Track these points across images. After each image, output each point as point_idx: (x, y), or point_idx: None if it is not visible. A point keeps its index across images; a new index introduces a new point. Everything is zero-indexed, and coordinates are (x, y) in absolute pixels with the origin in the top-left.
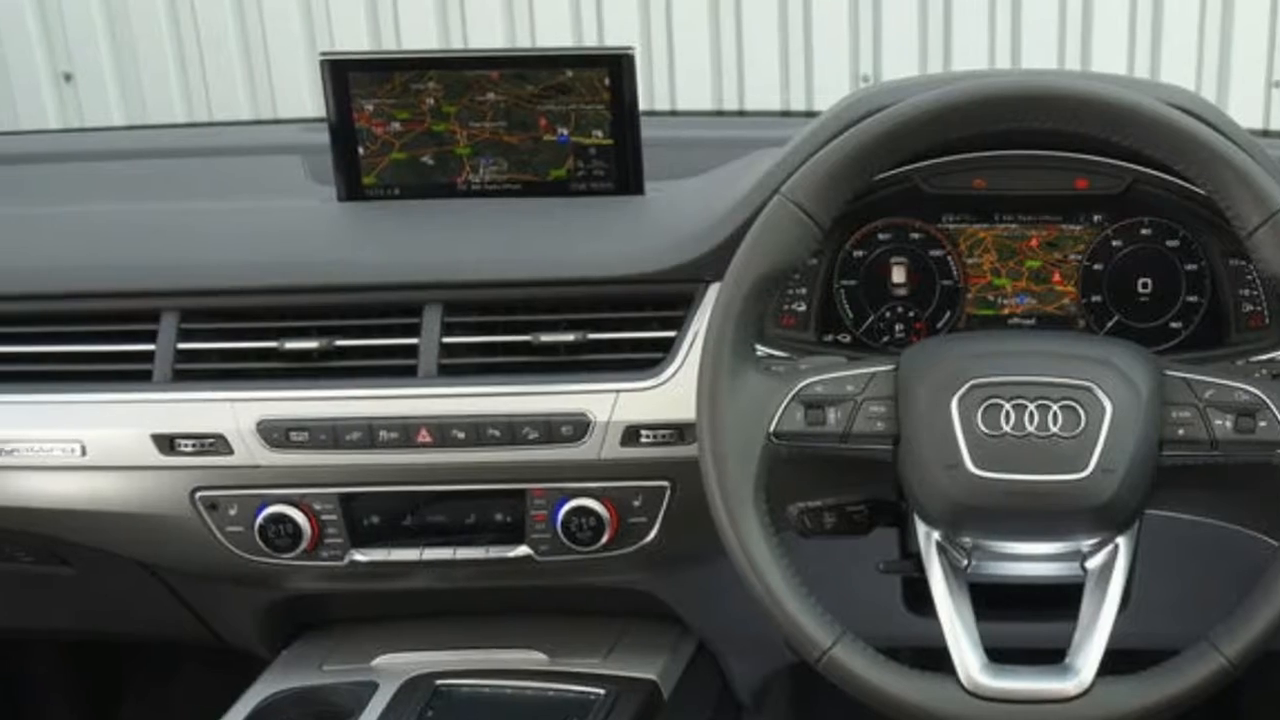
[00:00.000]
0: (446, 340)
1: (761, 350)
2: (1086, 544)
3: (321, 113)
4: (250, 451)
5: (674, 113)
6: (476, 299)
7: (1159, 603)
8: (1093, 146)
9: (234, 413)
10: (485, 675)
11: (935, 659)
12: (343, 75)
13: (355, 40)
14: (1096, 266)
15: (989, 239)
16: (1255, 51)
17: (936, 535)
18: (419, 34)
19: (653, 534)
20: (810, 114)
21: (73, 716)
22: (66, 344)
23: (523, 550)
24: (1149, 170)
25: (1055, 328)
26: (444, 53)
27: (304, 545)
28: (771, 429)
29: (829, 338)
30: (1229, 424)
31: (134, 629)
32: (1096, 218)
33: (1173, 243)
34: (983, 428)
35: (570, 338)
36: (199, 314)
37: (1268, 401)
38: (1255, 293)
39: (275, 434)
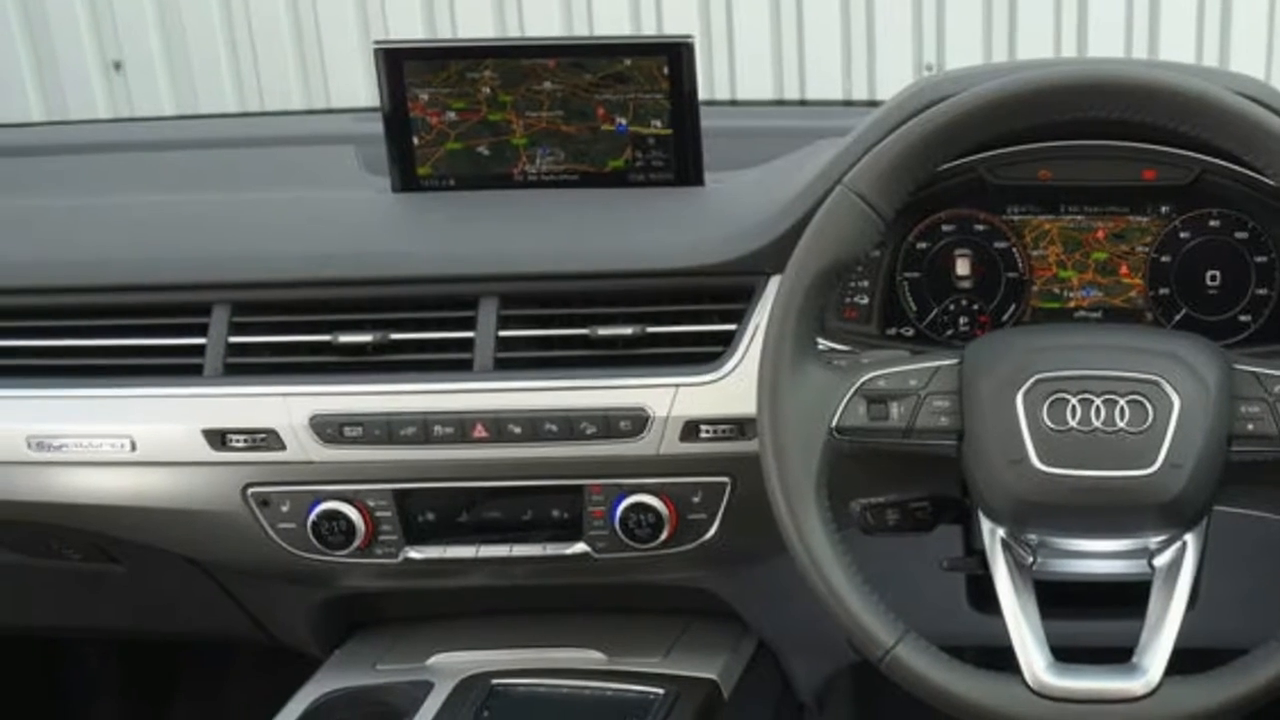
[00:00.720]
0: (502, 334)
1: (823, 344)
2: (1154, 541)
3: (375, 102)
4: (303, 447)
5: (734, 102)
6: (533, 291)
7: (1228, 601)
8: (1160, 136)
9: (286, 407)
10: (542, 675)
11: (1000, 658)
12: (397, 64)
13: (410, 28)
14: (1164, 258)
15: (1054, 231)
16: None
17: (1001, 532)
18: (474, 23)
19: (712, 531)
20: (873, 103)
21: (124, 713)
22: (116, 338)
23: (580, 547)
24: (1218, 161)
25: (1122, 321)
26: (500, 41)
27: (357, 542)
28: (833, 424)
29: (892, 331)
30: None
31: (185, 628)
32: (1164, 209)
33: (1242, 234)
34: (1048, 423)
35: (628, 331)
36: (251, 307)
37: None
38: None
39: (328, 429)
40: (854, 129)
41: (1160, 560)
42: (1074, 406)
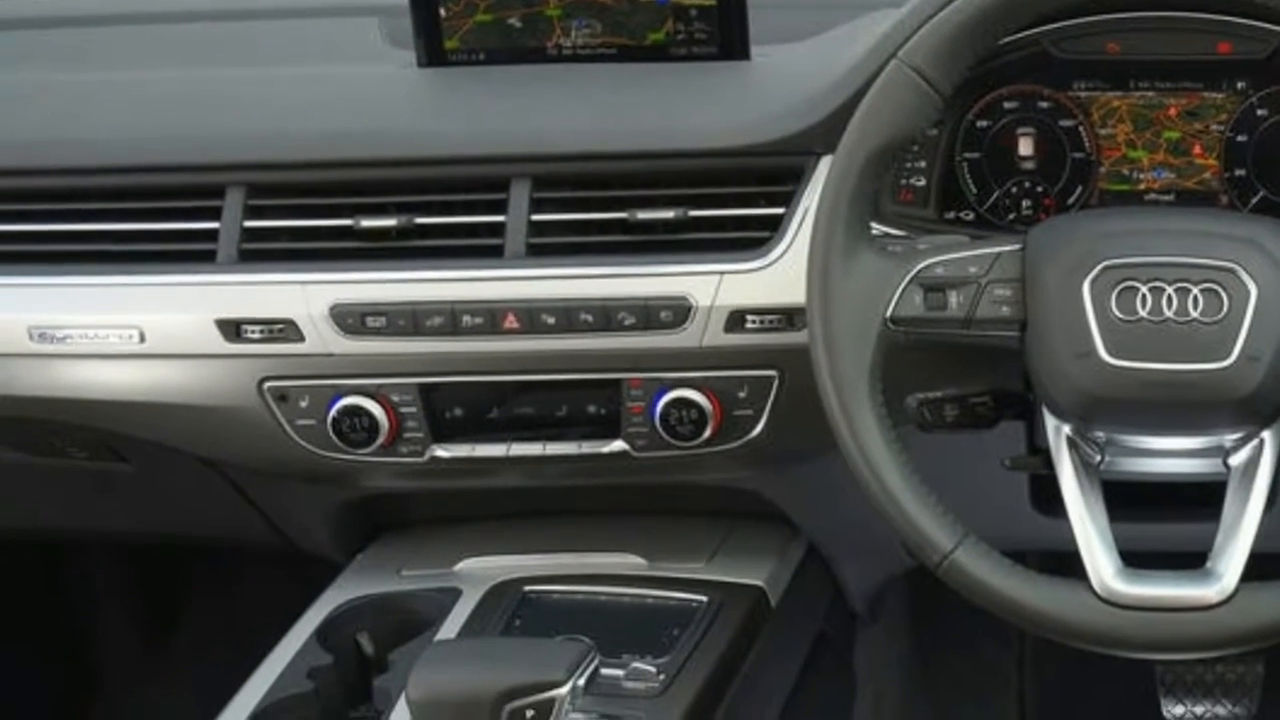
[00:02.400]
0: (535, 218)
1: (877, 228)
2: (1229, 439)
3: None
4: (322, 338)
5: None
6: (568, 173)
7: None
8: (1236, 7)
9: (305, 296)
10: (577, 581)
11: (1065, 563)
12: None
13: None
14: (1240, 138)
15: (1123, 108)
16: None
17: (1067, 429)
18: None
19: (759, 428)
20: None
21: (133, 625)
22: (123, 222)
23: (618, 445)
24: None
25: (1195, 204)
26: None
27: (381, 440)
28: (888, 314)
29: (950, 215)
30: None
31: (197, 531)
32: (1240, 85)
33: None
34: (1117, 313)
35: (669, 215)
36: (267, 189)
37: None
38: None
39: (350, 319)
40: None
41: (1236, 459)
42: (1144, 295)
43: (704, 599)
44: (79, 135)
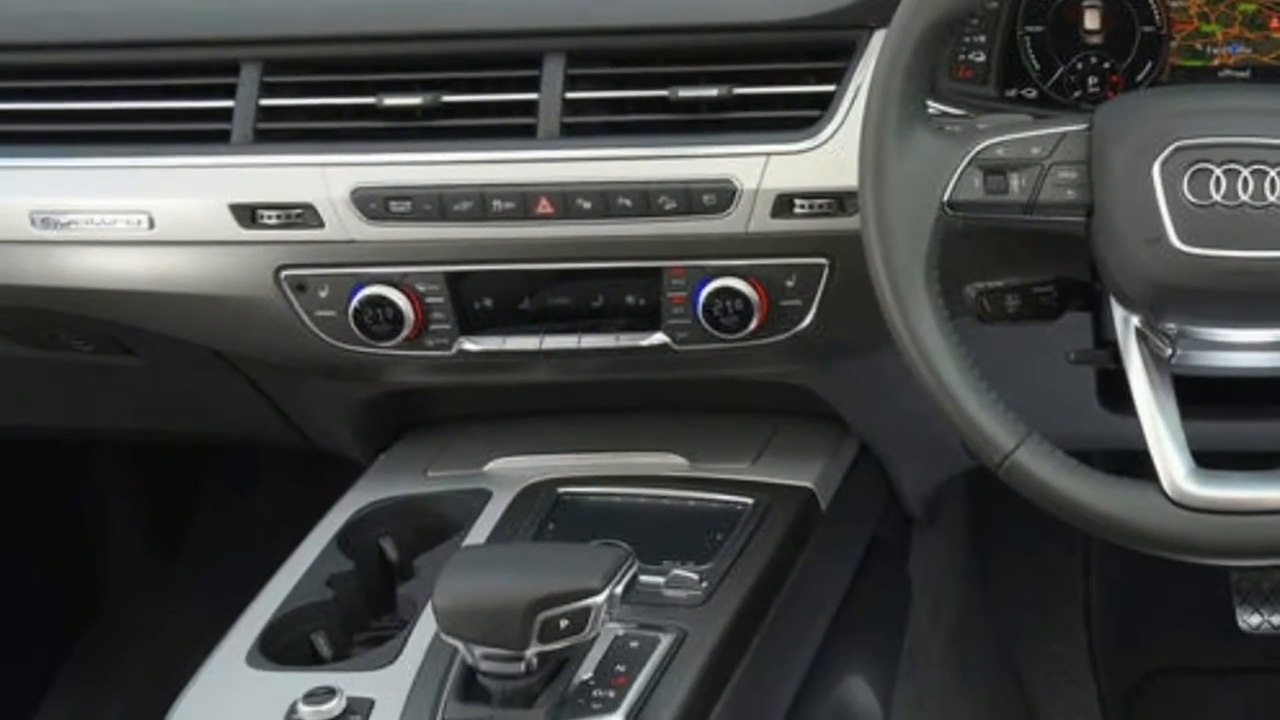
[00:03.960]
0: (570, 95)
1: (934, 107)
2: None
3: None
4: (343, 224)
5: None
6: (605, 47)
7: None
8: None
9: (325, 179)
10: (614, 482)
11: (1134, 463)
12: None
13: None
14: None
15: None
16: None
17: (1136, 320)
18: None
19: (808, 319)
20: None
21: (140, 531)
22: (132, 100)
23: (658, 338)
24: None
25: (1272, 81)
26: None
27: (405, 332)
28: (945, 197)
29: (1011, 93)
30: None
31: (209, 429)
32: None
33: None
34: (1189, 197)
35: (713, 92)
36: (285, 65)
37: None
38: None
39: (372, 204)
40: None
41: None
42: (1218, 178)
43: (749, 501)
44: (85, 8)
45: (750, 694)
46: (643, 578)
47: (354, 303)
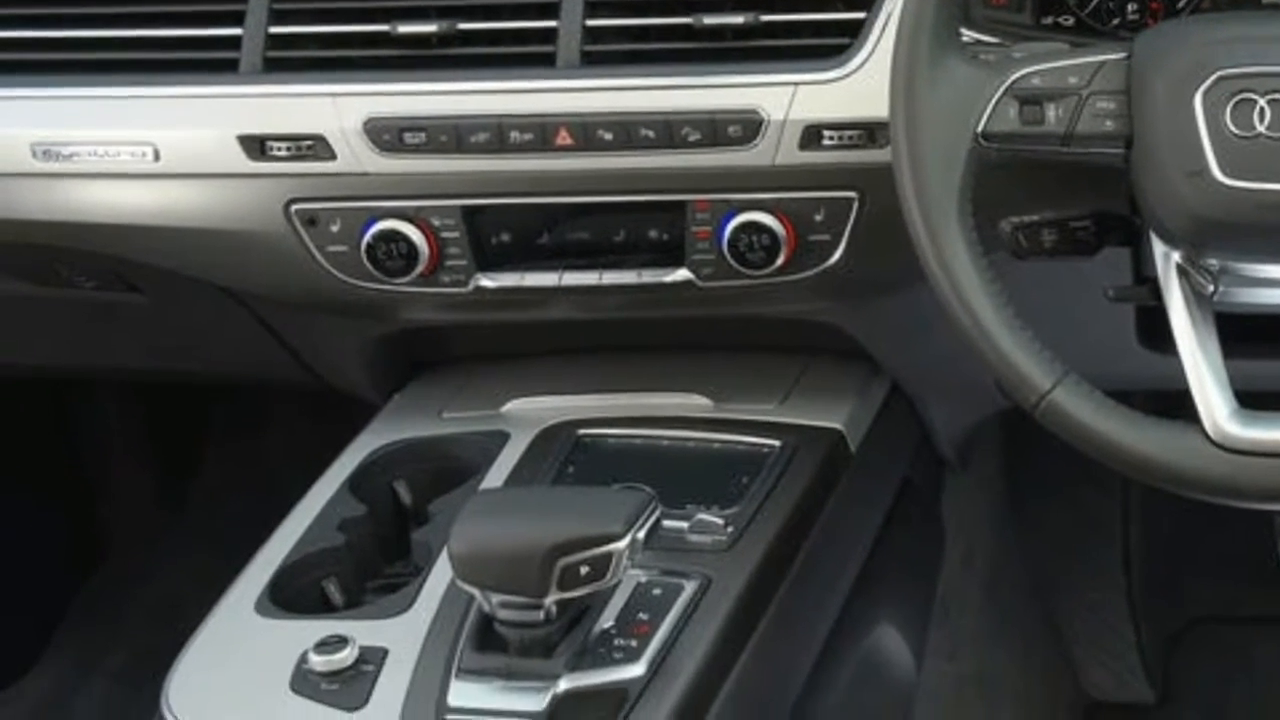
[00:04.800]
0: (590, 22)
1: (967, 35)
2: None
3: None
4: (356, 156)
5: None
6: None
7: None
8: None
9: (336, 109)
10: (636, 423)
11: (1174, 404)
12: None
13: None
14: None
15: None
16: None
17: (1177, 256)
18: None
19: (837, 255)
20: None
21: (146, 473)
22: (136, 27)
23: (682, 274)
24: None
25: None
26: None
27: (420, 268)
28: (979, 129)
29: (1048, 20)
30: None
31: (217, 368)
32: None
33: None
34: (1232, 128)
35: (739, 19)
36: None
37: None
38: None
39: (386, 135)
40: None
41: None
42: (1262, 109)
43: (776, 443)
44: None
45: (777, 643)
46: (666, 522)
47: (367, 237)
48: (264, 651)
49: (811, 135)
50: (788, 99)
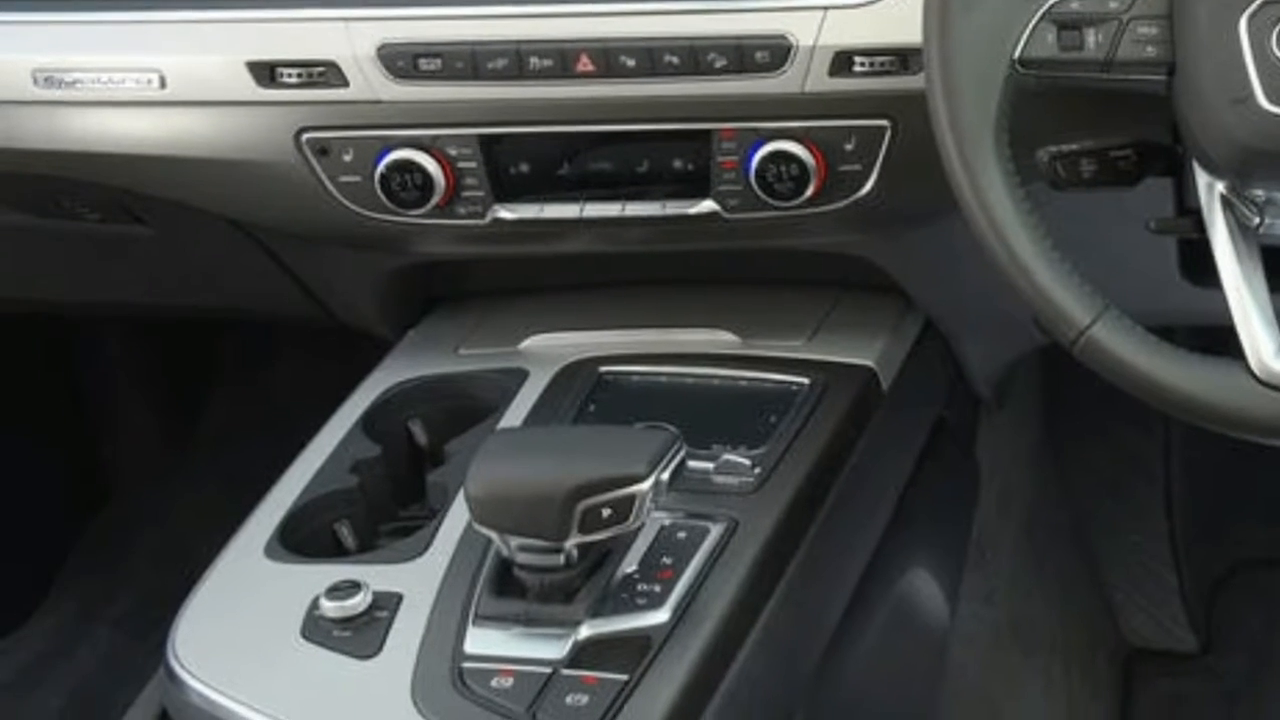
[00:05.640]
0: None
1: None
2: None
3: None
4: (369, 83)
5: None
6: None
7: None
8: None
9: (349, 34)
10: (660, 360)
11: (1218, 340)
12: None
13: None
14: None
15: None
16: None
17: (1220, 187)
18: None
19: (869, 185)
20: None
21: (152, 412)
22: None
23: (707, 205)
24: None
25: None
26: None
27: (435, 199)
28: (1016, 54)
29: None
30: None
31: (225, 303)
32: None
33: None
34: (1278, 54)
35: None
36: None
37: None
38: None
39: (400, 61)
40: None
41: None
42: None
43: (805, 381)
44: None
45: (806, 588)
46: (691, 463)
47: (380, 167)
48: (273, 597)
49: (842, 61)
50: (817, 24)
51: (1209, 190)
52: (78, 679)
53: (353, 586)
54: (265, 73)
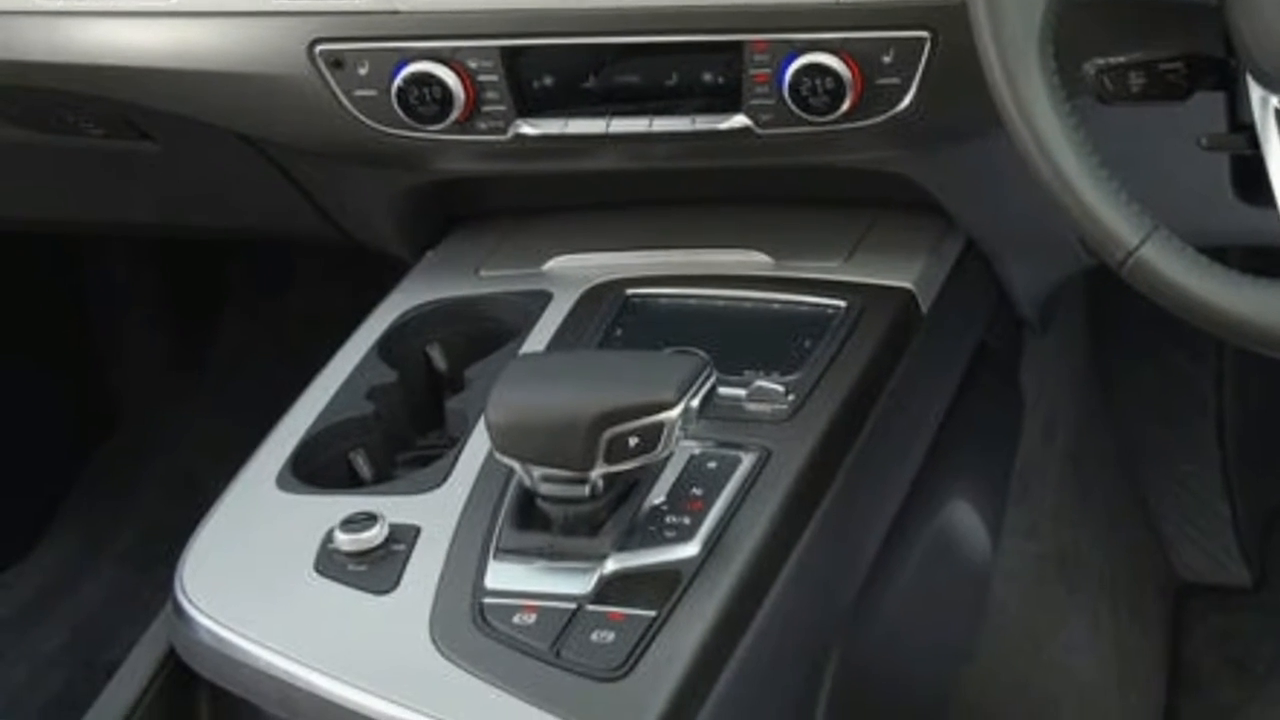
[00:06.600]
0: None
1: None
2: None
3: None
4: None
5: None
6: None
7: None
8: None
9: None
10: (689, 282)
11: (1273, 261)
12: None
13: None
14: None
15: None
16: None
17: (1275, 100)
18: None
19: (907, 99)
20: None
21: (160, 336)
22: None
23: (739, 120)
24: None
25: None
26: None
27: (455, 114)
28: None
29: None
30: None
31: (236, 223)
32: None
33: None
34: None
35: None
36: None
37: None
38: None
39: None
40: None
41: None
42: None
43: (841, 304)
44: None
45: (842, 520)
46: (722, 390)
47: (397, 81)
48: (286, 530)
49: None
50: None
51: (1263, 104)
52: (81, 615)
53: (368, 518)
54: None
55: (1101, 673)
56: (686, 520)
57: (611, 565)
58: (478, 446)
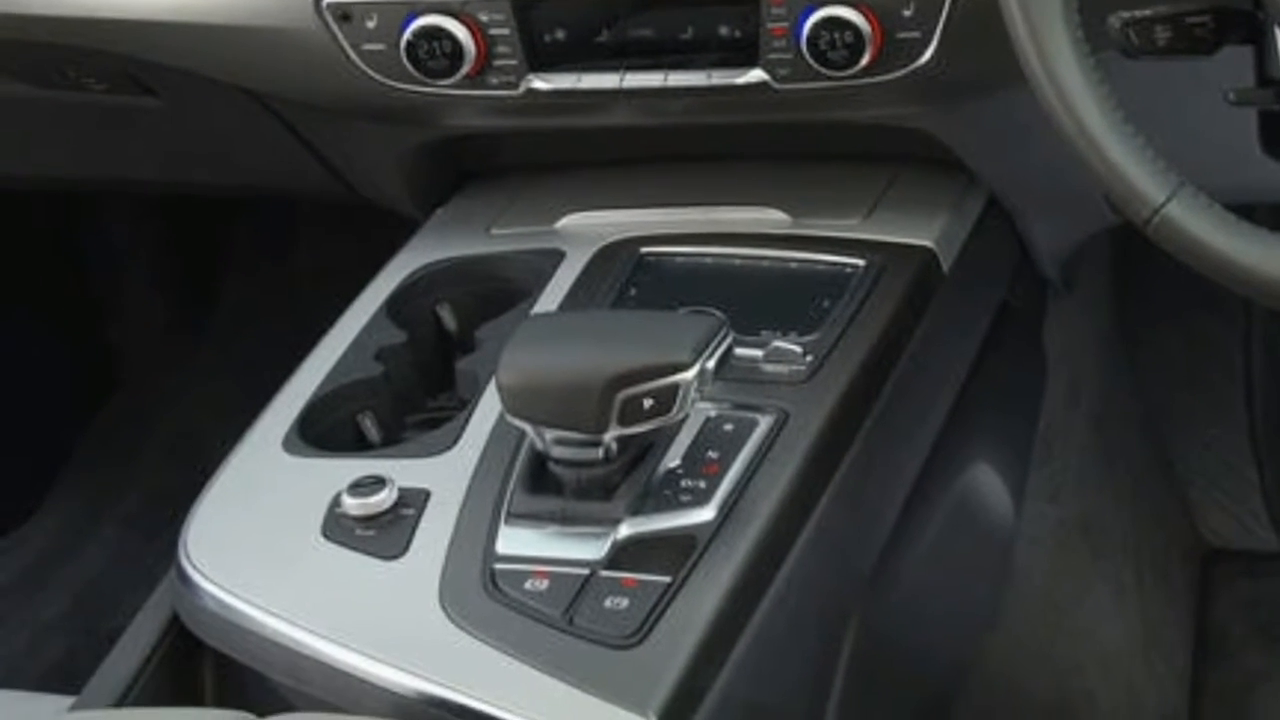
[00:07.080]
0: None
1: None
2: None
3: None
4: None
5: None
6: None
7: None
8: None
9: None
10: (705, 240)
11: None
12: None
13: None
14: None
15: None
16: None
17: None
18: None
19: (928, 53)
20: None
21: (163, 296)
22: None
23: (756, 75)
24: None
25: None
26: None
27: (465, 69)
28: None
29: None
30: None
31: (240, 180)
32: None
33: None
34: None
35: None
36: None
37: None
38: None
39: None
40: None
41: None
42: None
43: (861, 262)
44: None
45: (861, 484)
46: (738, 350)
47: (406, 34)
48: (292, 494)
49: None
50: None
51: None
52: (83, 581)
53: (377, 482)
54: None
55: (1127, 640)
56: (702, 484)
57: (625, 530)
58: (489, 408)
